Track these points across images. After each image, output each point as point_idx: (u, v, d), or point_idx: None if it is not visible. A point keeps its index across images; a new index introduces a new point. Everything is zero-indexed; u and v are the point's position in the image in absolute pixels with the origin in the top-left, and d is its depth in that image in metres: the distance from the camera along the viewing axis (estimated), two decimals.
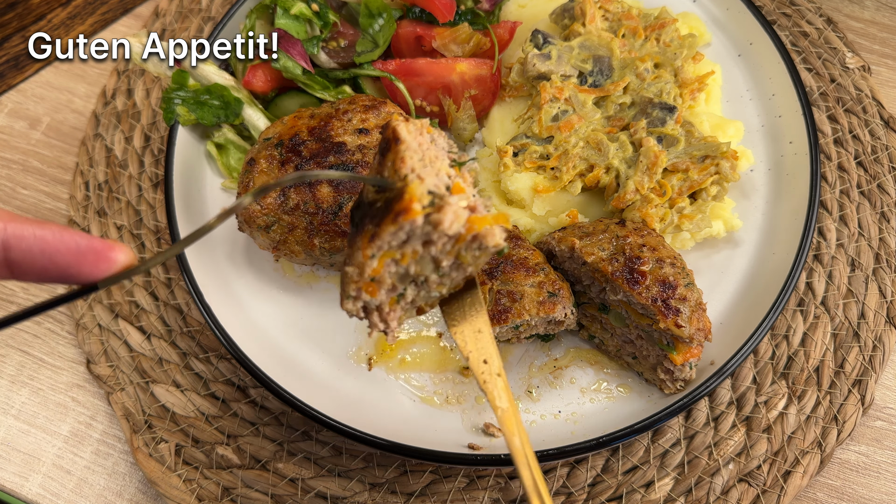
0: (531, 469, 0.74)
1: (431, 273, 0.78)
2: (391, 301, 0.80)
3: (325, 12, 1.39)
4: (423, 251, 0.75)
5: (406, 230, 0.71)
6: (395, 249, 0.73)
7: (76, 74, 1.62)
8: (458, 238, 0.73)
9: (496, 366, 0.82)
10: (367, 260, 0.73)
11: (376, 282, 0.76)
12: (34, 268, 0.61)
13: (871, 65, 1.54)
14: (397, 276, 0.77)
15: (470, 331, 0.85)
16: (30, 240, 0.60)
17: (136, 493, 1.24)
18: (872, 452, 1.22)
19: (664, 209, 1.24)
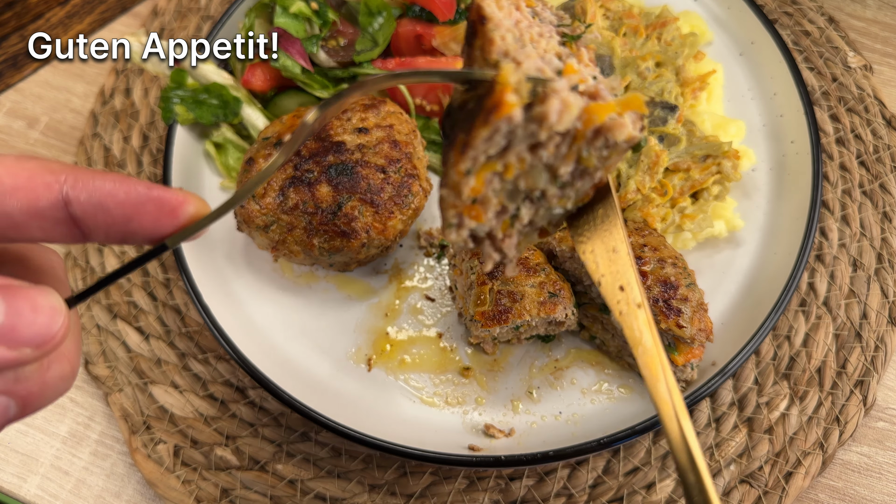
0: (680, 424, 0.59)
1: (548, 185, 0.63)
2: (504, 225, 0.65)
3: (324, 11, 1.38)
4: (533, 158, 0.59)
5: (503, 131, 0.55)
6: (496, 159, 0.58)
7: (74, 74, 1.61)
8: (575, 135, 0.58)
9: (636, 294, 0.65)
10: (463, 177, 0.58)
11: (479, 203, 0.61)
12: (98, 224, 0.55)
13: (873, 64, 1.53)
14: (505, 194, 0.62)
15: (602, 249, 0.68)
16: (89, 191, 0.54)
17: (135, 494, 1.24)
18: (874, 453, 1.22)
19: (665, 209, 1.24)
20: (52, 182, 0.53)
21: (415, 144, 1.22)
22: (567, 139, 0.58)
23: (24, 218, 0.53)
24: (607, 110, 0.57)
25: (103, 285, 0.56)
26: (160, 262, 1.39)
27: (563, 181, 0.63)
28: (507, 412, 1.21)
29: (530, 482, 1.19)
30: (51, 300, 0.50)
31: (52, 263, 0.63)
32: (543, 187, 0.63)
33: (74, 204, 0.54)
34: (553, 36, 0.64)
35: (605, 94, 0.58)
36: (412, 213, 1.19)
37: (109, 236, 0.57)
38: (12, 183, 0.52)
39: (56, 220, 0.54)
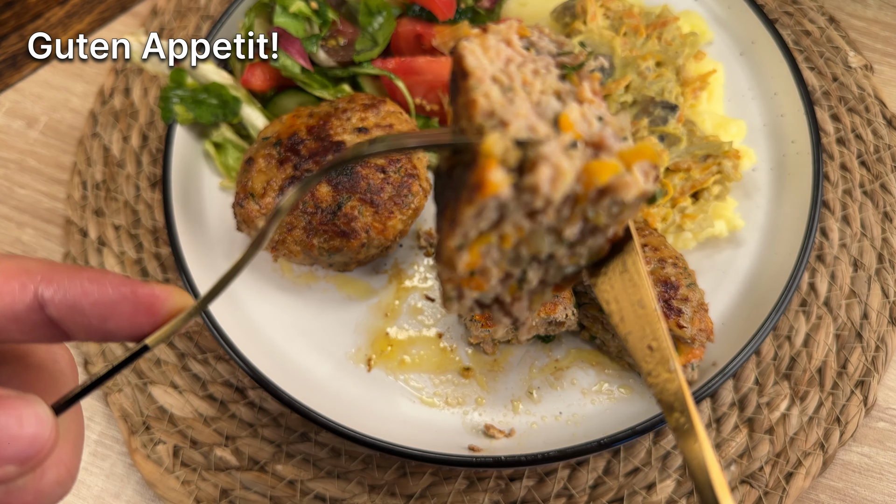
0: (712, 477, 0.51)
1: (554, 247, 0.56)
2: (511, 289, 0.59)
3: (324, 10, 1.38)
4: (532, 224, 0.53)
5: (491, 207, 0.50)
6: (490, 232, 0.52)
7: (74, 73, 1.61)
8: (577, 198, 0.51)
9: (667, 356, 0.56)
10: (455, 253, 0.53)
11: (479, 274, 0.56)
12: (76, 325, 0.53)
13: (874, 64, 1.53)
14: (508, 261, 0.56)
15: (627, 302, 0.60)
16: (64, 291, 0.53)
17: (134, 494, 1.23)
18: (875, 454, 1.21)
19: (666, 209, 1.23)
20: (27, 283, 0.52)
21: None
22: (568, 203, 0.52)
23: (2, 322, 0.52)
24: (609, 170, 0.50)
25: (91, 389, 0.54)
26: (159, 261, 1.38)
27: (572, 241, 0.56)
28: (507, 412, 1.21)
29: (530, 483, 1.19)
30: (37, 410, 0.48)
31: (55, 359, 0.61)
32: (550, 250, 0.56)
33: (50, 305, 0.53)
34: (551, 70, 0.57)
35: (610, 143, 0.52)
36: (412, 213, 1.19)
37: (90, 335, 0.55)
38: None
39: (33, 322, 0.53)
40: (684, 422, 0.54)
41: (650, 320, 0.58)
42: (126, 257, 1.39)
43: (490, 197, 0.49)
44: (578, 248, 0.57)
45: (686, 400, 0.55)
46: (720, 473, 0.52)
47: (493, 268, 0.56)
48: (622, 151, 0.52)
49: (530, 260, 0.57)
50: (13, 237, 1.45)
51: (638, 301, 0.60)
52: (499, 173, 0.48)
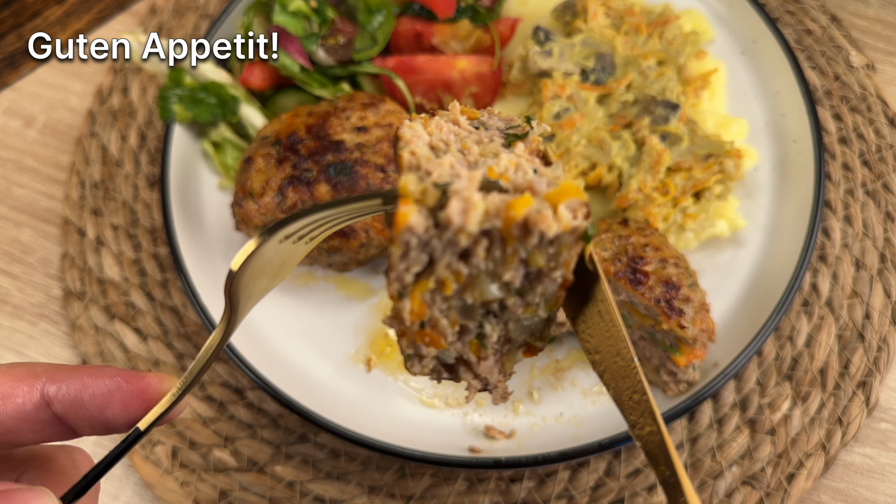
0: None
1: (503, 294, 0.56)
2: (473, 346, 0.58)
3: (323, 9, 1.37)
4: (468, 268, 0.54)
5: (414, 244, 0.51)
6: (426, 277, 0.53)
7: (72, 73, 1.60)
8: (502, 236, 0.52)
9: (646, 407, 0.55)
10: (398, 302, 0.54)
11: (430, 326, 0.56)
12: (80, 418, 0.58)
13: (876, 63, 1.52)
14: (457, 311, 0.56)
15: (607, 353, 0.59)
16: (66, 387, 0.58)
17: (133, 495, 1.23)
18: (877, 455, 1.21)
19: (667, 208, 1.23)
20: (35, 383, 0.57)
21: None
22: (496, 242, 0.53)
23: (15, 423, 0.57)
24: (523, 204, 0.50)
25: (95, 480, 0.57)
26: (157, 261, 1.38)
27: (518, 288, 0.56)
28: (507, 413, 1.20)
29: (531, 484, 1.18)
30: (44, 499, 0.52)
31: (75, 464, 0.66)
32: (498, 297, 0.56)
33: (55, 402, 0.58)
34: (495, 140, 0.59)
35: (539, 188, 0.53)
36: None
37: (94, 428, 0.59)
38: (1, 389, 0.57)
39: (43, 421, 0.58)
40: (670, 475, 0.54)
41: (629, 372, 0.57)
42: (124, 257, 1.39)
43: (405, 229, 0.50)
44: (529, 296, 0.57)
45: (670, 453, 0.54)
46: None
47: (442, 318, 0.55)
48: (548, 193, 0.53)
49: (484, 312, 0.57)
50: (11, 237, 1.44)
51: (616, 352, 0.58)
52: (412, 208, 0.50)
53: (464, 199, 0.50)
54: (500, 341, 0.60)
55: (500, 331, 0.58)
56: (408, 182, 0.51)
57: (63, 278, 1.39)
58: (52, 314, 1.38)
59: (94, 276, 1.37)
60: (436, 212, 0.51)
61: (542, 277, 0.56)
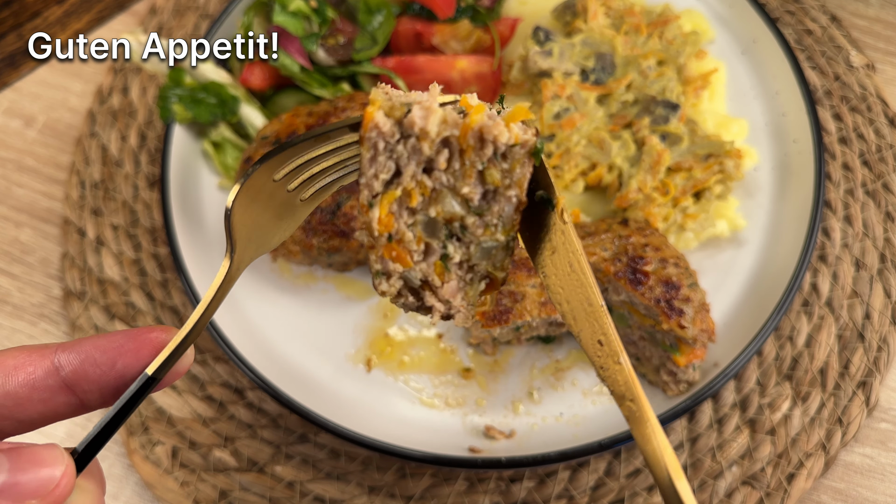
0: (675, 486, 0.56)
1: (463, 212, 0.62)
2: (437, 268, 0.63)
3: (323, 9, 1.37)
4: (431, 181, 0.60)
5: (381, 147, 0.57)
6: (393, 187, 0.59)
7: (72, 73, 1.60)
8: (461, 148, 0.59)
9: (615, 349, 0.61)
10: (368, 211, 0.59)
11: (397, 241, 0.61)
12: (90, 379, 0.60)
13: (876, 63, 1.52)
14: (422, 227, 0.62)
15: (577, 301, 0.63)
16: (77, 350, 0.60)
17: (133, 496, 1.23)
18: (877, 455, 1.21)
19: (667, 208, 1.23)
20: (46, 352, 0.60)
21: None
22: (455, 154, 0.59)
23: (24, 391, 0.59)
24: (478, 111, 0.57)
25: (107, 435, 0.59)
26: (157, 261, 1.38)
27: (477, 206, 0.62)
28: (507, 413, 1.20)
29: (531, 484, 1.18)
30: (53, 452, 0.54)
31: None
32: (459, 214, 0.62)
33: (64, 366, 0.59)
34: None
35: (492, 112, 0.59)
36: None
37: (103, 391, 0.60)
38: (13, 363, 0.59)
39: (51, 388, 0.59)
40: (636, 409, 0.59)
41: (598, 316, 0.62)
42: (124, 257, 1.39)
43: (371, 126, 0.56)
44: (487, 216, 0.63)
45: (634, 387, 0.59)
46: (673, 456, 0.57)
47: (407, 232, 0.61)
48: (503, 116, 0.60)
49: (447, 233, 0.63)
50: (11, 237, 1.44)
51: (586, 299, 0.63)
52: (378, 110, 0.56)
53: (425, 107, 0.57)
54: (463, 268, 0.64)
55: (462, 253, 0.63)
56: (376, 94, 0.57)
57: (63, 278, 1.39)
58: (52, 314, 1.38)
59: (94, 276, 1.37)
60: (401, 122, 0.57)
61: (498, 196, 0.62)
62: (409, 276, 0.62)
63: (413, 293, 0.64)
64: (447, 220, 0.62)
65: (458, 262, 0.64)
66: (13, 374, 0.59)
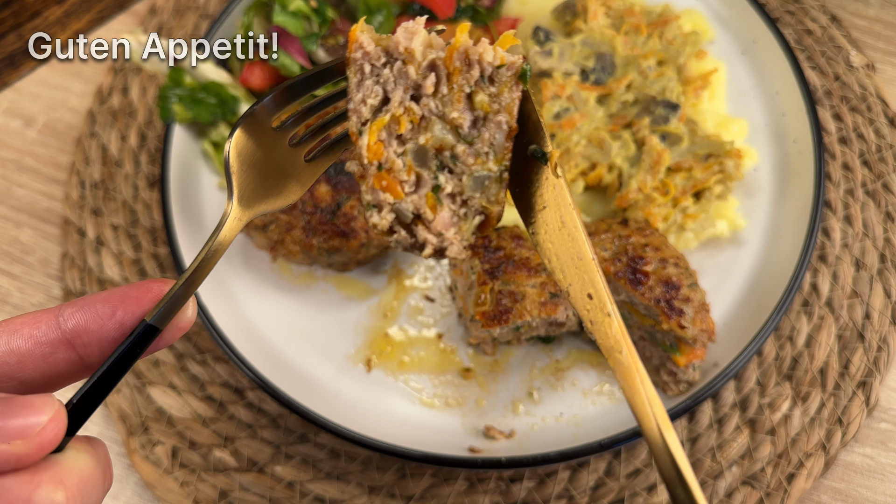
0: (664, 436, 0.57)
1: (453, 140, 0.61)
2: (429, 199, 0.62)
3: (323, 9, 1.37)
4: (420, 108, 0.59)
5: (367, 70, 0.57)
6: (382, 113, 0.59)
7: (72, 73, 1.60)
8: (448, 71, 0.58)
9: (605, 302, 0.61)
10: (358, 140, 0.59)
11: (388, 170, 0.60)
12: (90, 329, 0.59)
13: (876, 63, 1.52)
14: (413, 156, 0.61)
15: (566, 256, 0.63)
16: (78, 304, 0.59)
17: (133, 495, 1.23)
18: (877, 455, 1.21)
19: (667, 208, 1.23)
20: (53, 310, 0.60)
21: None
22: (442, 78, 0.59)
23: (28, 345, 0.58)
24: (462, 30, 0.57)
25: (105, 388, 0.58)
26: (157, 261, 1.38)
27: (467, 133, 0.61)
28: (507, 413, 1.20)
29: (531, 484, 1.18)
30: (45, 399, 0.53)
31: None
32: (449, 142, 0.61)
33: (68, 319, 0.59)
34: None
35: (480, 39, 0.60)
36: None
37: (103, 341, 0.59)
38: (21, 320, 0.59)
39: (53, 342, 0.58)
40: (623, 359, 0.60)
41: (588, 270, 0.63)
42: (124, 257, 1.39)
43: (356, 46, 0.56)
44: (478, 143, 0.61)
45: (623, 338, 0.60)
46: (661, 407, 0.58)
47: (397, 160, 0.60)
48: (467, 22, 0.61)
49: (438, 164, 0.62)
50: (11, 237, 1.44)
51: (577, 254, 0.63)
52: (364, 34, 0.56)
53: (406, 28, 0.57)
54: (457, 201, 0.63)
55: (454, 184, 0.62)
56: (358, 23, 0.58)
57: (63, 278, 1.39)
58: None
59: (94, 276, 1.37)
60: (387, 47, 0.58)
61: (488, 122, 0.61)
62: (401, 209, 0.61)
63: (405, 228, 0.62)
64: (437, 148, 0.61)
65: (450, 193, 0.62)
66: (18, 329, 0.58)
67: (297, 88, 0.64)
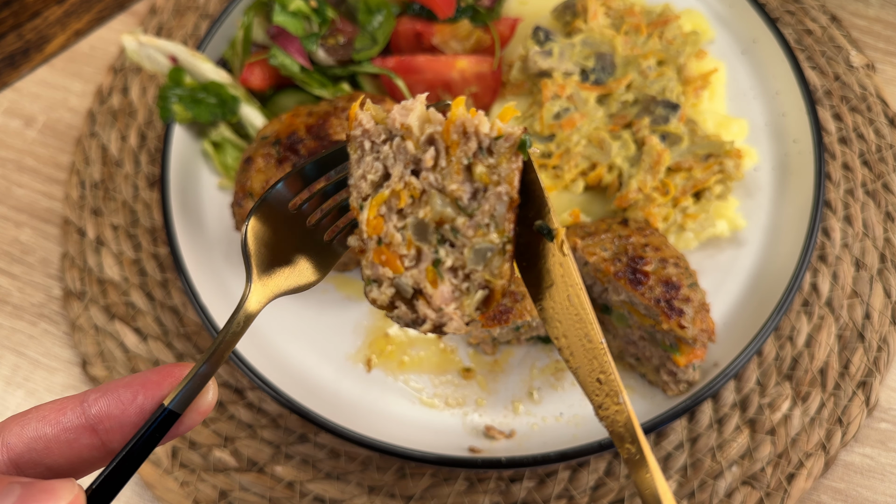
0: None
1: (453, 212, 0.60)
2: (429, 274, 0.61)
3: (323, 9, 1.37)
4: (420, 182, 0.59)
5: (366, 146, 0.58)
6: (383, 189, 0.59)
7: (72, 73, 1.60)
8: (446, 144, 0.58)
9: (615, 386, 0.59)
10: (358, 213, 0.59)
11: (387, 245, 0.60)
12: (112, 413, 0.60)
13: (876, 63, 1.52)
14: (412, 230, 0.60)
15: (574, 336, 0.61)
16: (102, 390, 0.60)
17: (133, 495, 1.23)
18: (877, 455, 1.21)
19: (667, 208, 1.23)
20: (80, 395, 0.61)
21: None
22: (441, 151, 0.58)
23: (54, 431, 0.59)
24: (458, 104, 0.57)
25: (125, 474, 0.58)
26: (157, 261, 1.38)
27: (467, 205, 0.60)
28: (507, 413, 1.20)
29: (531, 484, 1.18)
30: (65, 484, 0.54)
31: None
32: (449, 215, 0.60)
33: (92, 404, 0.60)
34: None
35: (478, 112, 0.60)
36: None
37: (124, 427, 0.60)
38: (51, 407, 0.60)
39: (77, 428, 0.59)
40: (635, 451, 0.57)
41: (597, 354, 0.60)
42: (124, 257, 1.39)
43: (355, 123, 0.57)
44: (478, 215, 0.60)
45: (635, 430, 0.57)
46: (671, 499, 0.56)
47: (397, 234, 0.60)
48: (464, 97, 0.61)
49: (439, 238, 0.61)
50: (11, 237, 1.44)
51: (585, 335, 0.61)
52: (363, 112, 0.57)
53: (404, 106, 0.58)
54: (458, 275, 0.61)
55: (454, 258, 0.61)
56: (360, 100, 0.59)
57: (63, 278, 1.39)
58: (52, 314, 1.38)
59: (94, 276, 1.37)
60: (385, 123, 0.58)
61: (487, 193, 0.60)
62: (401, 284, 0.61)
63: (406, 303, 0.62)
64: (437, 222, 0.60)
65: (450, 266, 0.61)
66: (46, 416, 0.60)
67: (309, 171, 0.65)
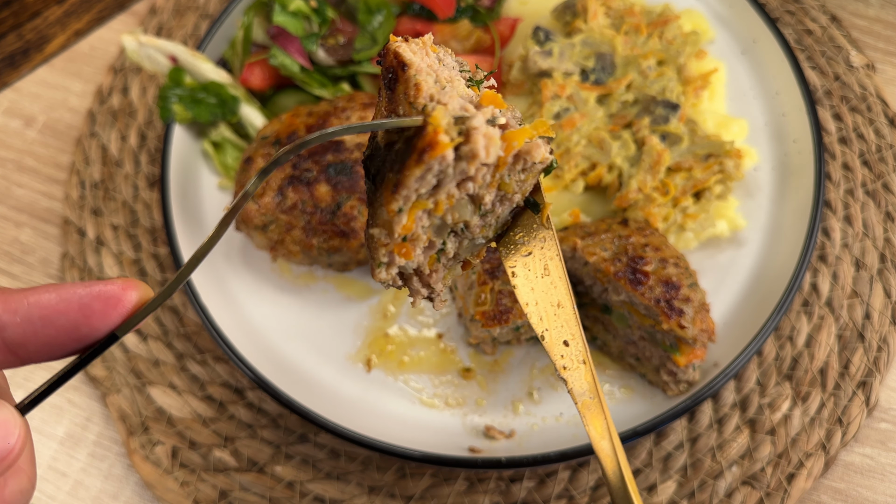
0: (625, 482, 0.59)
1: (472, 216, 0.65)
2: (431, 260, 0.66)
3: (323, 9, 1.37)
4: (460, 192, 0.61)
5: (435, 170, 0.57)
6: (427, 197, 0.60)
7: (72, 73, 1.60)
8: (498, 163, 0.61)
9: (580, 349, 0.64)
10: (395, 216, 0.60)
11: (410, 241, 0.62)
12: (41, 342, 0.54)
13: (876, 63, 1.52)
14: (434, 230, 0.64)
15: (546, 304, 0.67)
16: (24, 311, 0.54)
17: (133, 495, 1.23)
18: (877, 455, 1.21)
19: (667, 208, 1.23)
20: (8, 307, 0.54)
21: None
22: (491, 168, 0.61)
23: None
24: (523, 135, 0.60)
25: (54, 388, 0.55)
26: (157, 261, 1.38)
27: (486, 210, 0.65)
28: (507, 413, 1.20)
29: (531, 484, 1.18)
30: (4, 414, 0.50)
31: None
32: (468, 219, 0.65)
33: (9, 328, 0.53)
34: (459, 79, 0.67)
35: (514, 123, 0.62)
36: None
37: (54, 351, 0.55)
38: None
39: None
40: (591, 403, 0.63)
41: (567, 318, 0.66)
42: (124, 257, 1.39)
43: (438, 157, 0.56)
44: (489, 217, 0.66)
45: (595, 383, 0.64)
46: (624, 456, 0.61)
47: (422, 234, 0.63)
48: (528, 126, 0.62)
49: (451, 230, 0.65)
50: (11, 237, 1.44)
51: (557, 301, 0.66)
52: (446, 137, 0.56)
53: (485, 135, 0.57)
54: (452, 257, 0.68)
55: (455, 248, 0.67)
56: (440, 115, 0.57)
57: (63, 278, 1.39)
58: None
59: (94, 276, 1.37)
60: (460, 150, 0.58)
61: (504, 201, 0.66)
62: (405, 266, 0.65)
63: (402, 278, 0.67)
64: (456, 222, 0.65)
65: (450, 255, 0.67)
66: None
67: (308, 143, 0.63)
